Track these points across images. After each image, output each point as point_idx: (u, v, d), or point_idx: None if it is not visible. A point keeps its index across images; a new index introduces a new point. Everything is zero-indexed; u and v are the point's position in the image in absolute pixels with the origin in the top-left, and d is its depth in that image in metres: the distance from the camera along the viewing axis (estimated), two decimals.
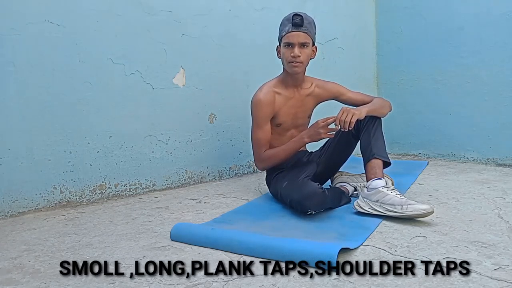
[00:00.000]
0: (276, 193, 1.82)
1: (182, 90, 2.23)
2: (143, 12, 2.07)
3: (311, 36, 1.75)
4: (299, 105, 1.86)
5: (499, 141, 2.45)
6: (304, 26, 1.72)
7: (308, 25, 1.73)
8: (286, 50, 1.75)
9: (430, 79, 2.77)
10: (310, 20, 1.76)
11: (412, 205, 1.46)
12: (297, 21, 1.71)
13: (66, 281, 1.13)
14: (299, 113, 1.88)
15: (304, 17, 1.73)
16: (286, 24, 1.74)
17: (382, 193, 1.53)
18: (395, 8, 2.96)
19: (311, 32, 1.75)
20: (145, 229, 1.55)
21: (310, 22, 1.76)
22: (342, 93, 1.90)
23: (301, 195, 1.55)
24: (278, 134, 1.88)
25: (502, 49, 2.40)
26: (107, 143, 2.01)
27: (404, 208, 1.47)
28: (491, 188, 1.91)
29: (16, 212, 1.79)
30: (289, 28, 1.73)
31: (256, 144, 1.83)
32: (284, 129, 1.88)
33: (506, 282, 1.01)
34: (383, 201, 1.52)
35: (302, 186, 1.59)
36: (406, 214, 1.46)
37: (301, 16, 1.72)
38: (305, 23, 1.72)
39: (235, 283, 1.08)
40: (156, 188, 2.17)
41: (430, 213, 1.44)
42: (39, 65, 1.81)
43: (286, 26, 1.74)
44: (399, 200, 1.50)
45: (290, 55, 1.73)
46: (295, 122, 1.89)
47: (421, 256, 1.18)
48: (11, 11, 1.73)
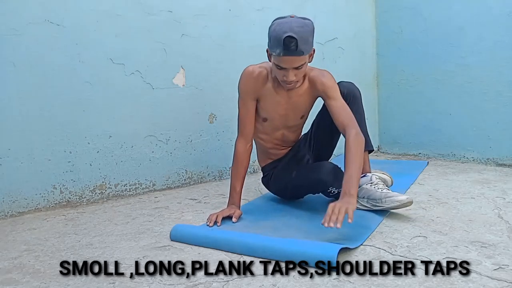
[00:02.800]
0: (282, 188, 1.79)
1: (182, 90, 2.23)
2: (143, 12, 2.07)
3: (307, 54, 1.48)
4: (290, 107, 1.67)
5: (499, 141, 2.45)
6: (299, 51, 1.41)
7: (303, 46, 1.41)
8: (278, 71, 1.50)
9: (430, 79, 2.77)
10: (306, 38, 1.42)
11: (390, 198, 1.54)
12: (292, 48, 1.39)
13: (66, 281, 1.13)
14: (290, 114, 1.69)
15: (299, 39, 1.39)
16: (276, 45, 1.42)
17: (366, 189, 1.62)
18: (395, 8, 2.96)
19: (308, 49, 1.45)
20: (145, 229, 1.55)
21: (306, 40, 1.43)
22: (327, 96, 1.59)
23: (320, 173, 1.58)
24: (267, 133, 1.74)
25: (502, 49, 2.40)
26: (107, 143, 2.01)
27: (383, 201, 1.55)
28: (491, 188, 1.91)
29: (16, 212, 1.79)
30: (280, 52, 1.42)
31: (238, 121, 1.69)
32: (274, 127, 1.72)
33: (506, 282, 1.01)
34: (368, 197, 1.61)
35: (318, 166, 1.63)
36: (385, 207, 1.54)
37: (295, 39, 1.38)
38: (300, 47, 1.40)
39: (235, 283, 1.08)
40: (156, 188, 2.17)
41: (409, 203, 1.51)
42: (39, 65, 1.81)
43: (277, 48, 1.42)
44: (379, 194, 1.57)
45: (282, 77, 1.50)
46: (286, 123, 1.72)
47: (421, 256, 1.18)
48: (11, 11, 1.73)
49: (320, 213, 1.62)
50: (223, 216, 1.55)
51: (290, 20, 1.43)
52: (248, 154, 1.68)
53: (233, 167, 1.67)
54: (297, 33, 1.39)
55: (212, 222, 1.52)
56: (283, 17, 1.47)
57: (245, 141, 1.67)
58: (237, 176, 1.65)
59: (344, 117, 1.54)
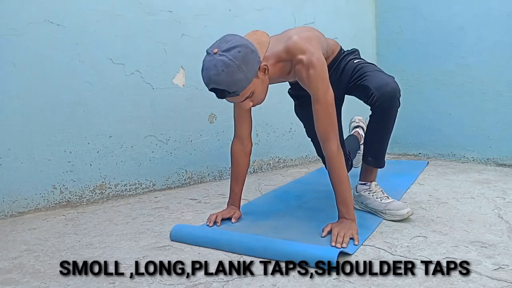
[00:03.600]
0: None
1: (182, 90, 2.23)
2: (143, 12, 2.07)
3: (246, 88, 1.29)
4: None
5: (499, 141, 2.45)
6: (232, 94, 1.28)
7: (233, 89, 1.26)
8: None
9: (430, 79, 2.77)
10: (230, 82, 1.24)
11: (390, 211, 1.52)
12: (221, 97, 1.28)
13: (66, 281, 1.13)
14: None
15: (222, 89, 1.25)
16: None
17: (364, 197, 1.63)
18: (395, 8, 2.96)
19: (242, 86, 1.27)
20: (145, 229, 1.55)
21: (233, 83, 1.25)
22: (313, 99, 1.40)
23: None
24: None
25: (502, 49, 2.40)
26: (107, 143, 2.01)
27: (384, 213, 1.54)
28: (491, 188, 1.91)
29: (16, 212, 1.79)
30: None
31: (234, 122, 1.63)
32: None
33: (506, 282, 1.01)
34: (367, 205, 1.62)
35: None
36: (386, 219, 1.54)
37: (219, 90, 1.26)
38: (229, 93, 1.27)
39: (235, 283, 1.08)
40: (156, 188, 2.17)
41: (410, 215, 1.51)
42: (39, 65, 1.81)
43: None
44: (378, 204, 1.57)
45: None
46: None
47: (421, 256, 1.18)
48: (11, 11, 1.73)
49: (320, 214, 1.62)
50: (222, 217, 1.55)
51: (209, 65, 1.24)
52: (245, 155, 1.64)
53: (231, 169, 1.66)
54: (218, 83, 1.24)
55: (212, 222, 1.52)
56: (208, 53, 1.27)
57: (239, 141, 1.65)
58: (234, 179, 1.64)
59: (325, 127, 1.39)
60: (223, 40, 1.29)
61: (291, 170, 2.56)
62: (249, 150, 1.66)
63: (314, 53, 1.38)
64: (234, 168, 1.65)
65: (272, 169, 2.59)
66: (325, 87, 1.38)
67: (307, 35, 1.45)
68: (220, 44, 1.27)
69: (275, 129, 2.59)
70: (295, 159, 2.71)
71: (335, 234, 1.31)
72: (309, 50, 1.38)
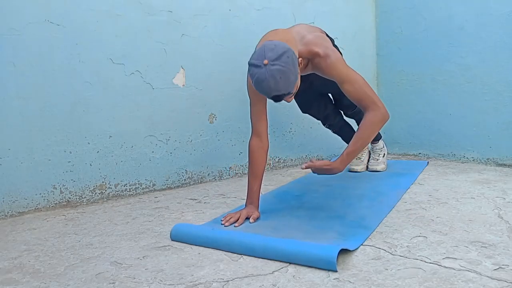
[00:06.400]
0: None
1: (182, 90, 2.23)
2: (143, 12, 2.07)
3: (296, 87, 1.43)
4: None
5: (499, 141, 2.45)
6: (285, 97, 1.40)
7: (291, 90, 1.38)
8: None
9: (430, 79, 2.77)
10: (289, 84, 1.35)
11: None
12: (280, 100, 1.40)
13: (66, 281, 1.13)
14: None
15: (285, 93, 1.36)
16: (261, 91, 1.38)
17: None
18: (395, 8, 2.96)
19: (294, 86, 1.39)
20: (145, 229, 1.55)
21: (291, 84, 1.36)
22: (339, 82, 1.56)
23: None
24: None
25: (502, 49, 2.40)
26: (107, 143, 2.01)
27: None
28: (491, 188, 1.91)
29: (16, 212, 1.79)
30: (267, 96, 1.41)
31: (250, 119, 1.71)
32: None
33: (506, 282, 1.01)
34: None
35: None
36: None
37: (282, 95, 1.37)
38: (288, 95, 1.39)
39: (235, 283, 1.08)
40: (156, 188, 2.17)
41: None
42: (39, 65, 1.81)
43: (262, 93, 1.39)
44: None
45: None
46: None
47: (421, 256, 1.18)
48: (11, 11, 1.73)
49: (320, 213, 1.62)
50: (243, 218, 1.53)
51: (265, 77, 1.31)
52: (264, 152, 1.65)
53: (249, 166, 1.65)
54: (278, 90, 1.34)
55: (229, 223, 1.51)
56: (257, 66, 1.33)
57: (257, 138, 1.65)
58: (253, 175, 1.63)
59: (367, 98, 1.52)
60: (267, 49, 1.34)
61: (291, 170, 2.56)
62: (267, 147, 1.67)
63: (329, 47, 1.58)
64: (252, 165, 1.64)
65: (272, 169, 2.59)
66: (347, 69, 1.56)
67: (320, 35, 1.65)
68: (267, 54, 1.32)
69: (275, 129, 2.59)
70: (295, 159, 2.71)
71: (316, 163, 1.46)
72: (323, 45, 1.57)
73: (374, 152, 2.42)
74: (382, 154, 2.39)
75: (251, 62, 1.35)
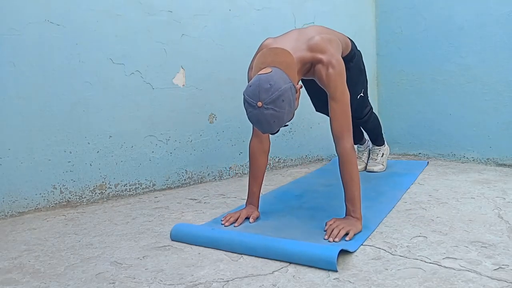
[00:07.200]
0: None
1: (182, 90, 2.23)
2: (143, 12, 2.07)
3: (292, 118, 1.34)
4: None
5: (499, 141, 2.45)
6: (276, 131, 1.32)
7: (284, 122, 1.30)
8: None
9: (430, 79, 2.77)
10: (282, 120, 1.27)
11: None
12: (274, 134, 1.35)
13: (66, 281, 1.13)
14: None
15: (277, 130, 1.31)
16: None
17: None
18: (395, 8, 2.96)
19: (292, 118, 1.34)
20: (145, 229, 1.55)
21: (285, 118, 1.28)
22: (330, 95, 1.44)
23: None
24: None
25: (502, 49, 2.40)
26: (107, 143, 2.01)
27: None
28: (491, 188, 1.91)
29: (16, 212, 1.79)
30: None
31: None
32: None
33: (506, 282, 1.01)
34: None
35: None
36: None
37: (275, 133, 1.32)
38: (279, 128, 1.31)
39: (235, 283, 1.08)
40: (156, 188, 2.17)
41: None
42: (39, 65, 1.81)
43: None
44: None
45: None
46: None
47: (421, 256, 1.18)
48: (11, 11, 1.73)
49: (320, 213, 1.62)
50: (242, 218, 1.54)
51: (258, 119, 1.25)
52: (264, 153, 1.62)
53: (250, 167, 1.64)
54: (272, 130, 1.29)
55: (229, 223, 1.51)
56: (251, 105, 1.25)
57: (258, 139, 1.62)
58: (253, 177, 1.62)
59: (340, 125, 1.42)
60: (262, 89, 1.23)
61: (291, 170, 2.56)
62: (267, 149, 1.64)
63: (334, 55, 1.43)
64: (252, 167, 1.63)
65: (272, 169, 2.59)
66: (343, 87, 1.43)
67: (328, 37, 1.48)
68: (261, 95, 1.22)
69: None
70: (295, 159, 2.72)
71: (332, 226, 1.35)
72: (329, 51, 1.42)
73: (373, 151, 2.41)
74: (380, 154, 2.38)
75: (245, 98, 1.27)
